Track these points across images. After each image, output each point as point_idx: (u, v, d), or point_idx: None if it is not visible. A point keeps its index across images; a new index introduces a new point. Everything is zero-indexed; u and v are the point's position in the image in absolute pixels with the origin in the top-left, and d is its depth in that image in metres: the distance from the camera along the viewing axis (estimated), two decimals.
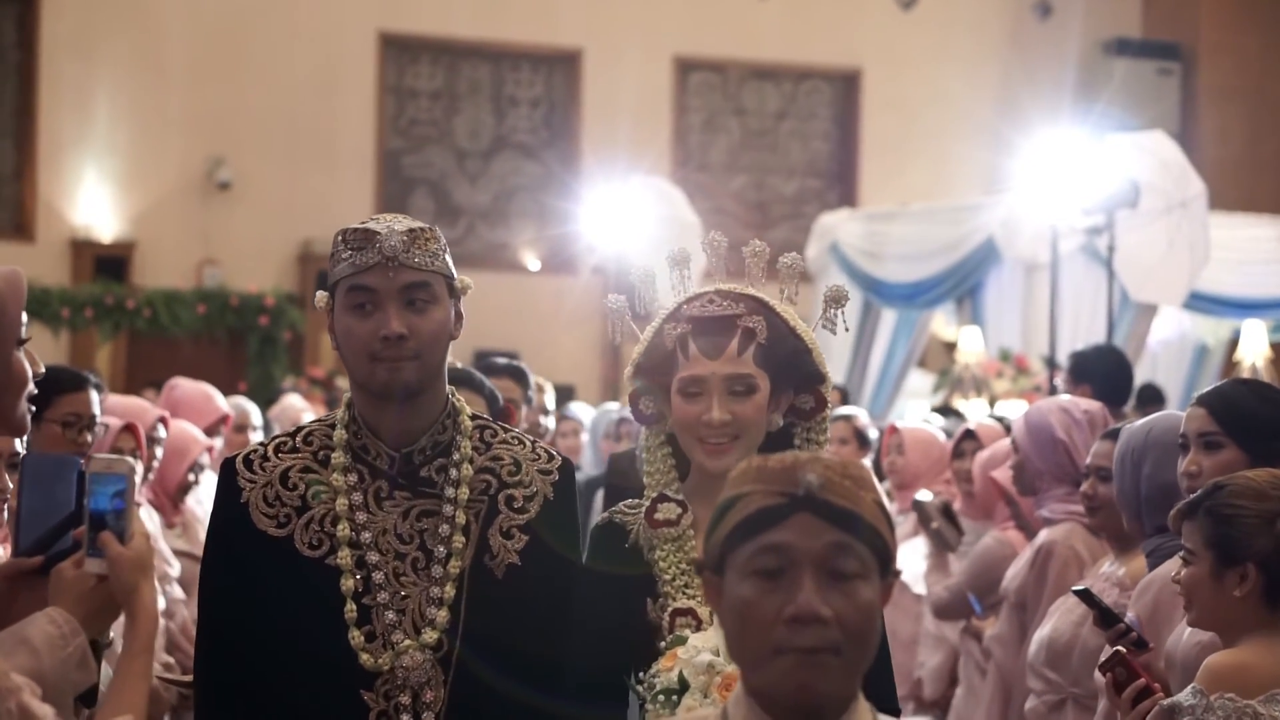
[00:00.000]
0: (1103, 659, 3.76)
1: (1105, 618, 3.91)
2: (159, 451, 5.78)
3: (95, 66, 17.71)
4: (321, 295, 3.03)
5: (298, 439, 3.06)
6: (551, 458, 3.11)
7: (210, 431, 7.03)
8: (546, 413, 7.35)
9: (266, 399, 12.25)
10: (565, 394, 14.03)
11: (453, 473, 3.01)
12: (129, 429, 5.34)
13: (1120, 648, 3.77)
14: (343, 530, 2.95)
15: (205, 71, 18.01)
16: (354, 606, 2.91)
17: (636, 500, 3.10)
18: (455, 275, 3.02)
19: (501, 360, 6.11)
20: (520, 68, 19.55)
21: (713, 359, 2.97)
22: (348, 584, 2.92)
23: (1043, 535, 5.10)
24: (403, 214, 3.05)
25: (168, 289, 16.88)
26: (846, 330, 3.11)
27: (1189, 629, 3.55)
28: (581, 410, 9.74)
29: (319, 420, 3.11)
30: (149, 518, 5.17)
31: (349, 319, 2.95)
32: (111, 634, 2.75)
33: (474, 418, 3.10)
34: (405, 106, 19.21)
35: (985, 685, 5.62)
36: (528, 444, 3.12)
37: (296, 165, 18.17)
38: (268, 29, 18.22)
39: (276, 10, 18.28)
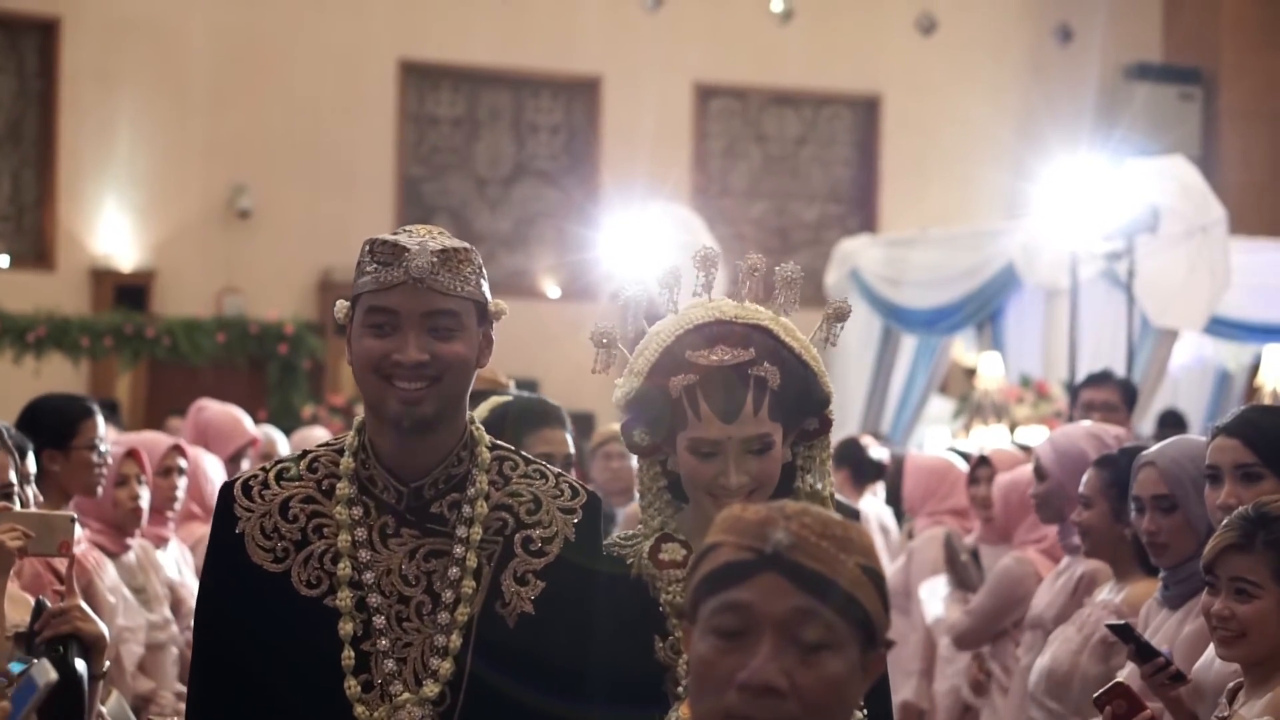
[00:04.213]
0: (1098, 692, 3.68)
1: (1142, 652, 3.77)
2: (180, 481, 5.77)
3: (116, 95, 17.75)
4: (341, 305, 2.79)
5: (302, 465, 2.79)
6: (576, 493, 2.82)
7: (237, 456, 6.99)
8: None
9: (287, 427, 12.25)
10: (585, 421, 13.99)
11: (465, 510, 2.74)
12: (132, 455, 5.32)
13: (1119, 679, 3.71)
14: (343, 569, 2.70)
15: (226, 100, 18.05)
16: (351, 653, 2.67)
17: (632, 533, 2.92)
18: (489, 299, 2.77)
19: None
20: (540, 95, 19.57)
21: (729, 422, 2.75)
22: (346, 628, 2.68)
23: (1081, 563, 5.04)
24: (439, 229, 2.79)
25: (188, 317, 16.88)
26: (833, 346, 2.91)
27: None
28: None
29: (327, 445, 2.84)
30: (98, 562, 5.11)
31: (365, 337, 2.70)
32: (107, 662, 2.71)
33: (493, 448, 2.82)
34: (425, 134, 19.24)
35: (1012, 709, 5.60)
36: (551, 477, 2.84)
37: (317, 193, 18.18)
38: (289, 57, 18.26)
39: (297, 39, 18.31)
